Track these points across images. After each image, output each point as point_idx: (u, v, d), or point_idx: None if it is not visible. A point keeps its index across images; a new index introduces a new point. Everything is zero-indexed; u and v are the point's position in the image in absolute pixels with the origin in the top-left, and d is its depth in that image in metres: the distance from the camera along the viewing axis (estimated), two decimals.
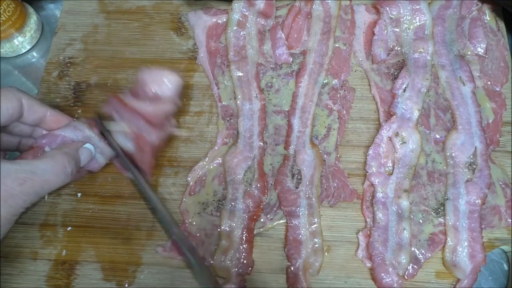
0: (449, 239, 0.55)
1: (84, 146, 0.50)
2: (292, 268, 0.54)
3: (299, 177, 0.58)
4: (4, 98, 0.45)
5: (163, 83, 0.53)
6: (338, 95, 0.63)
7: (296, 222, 0.56)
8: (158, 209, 0.54)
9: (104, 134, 0.54)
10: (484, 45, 0.64)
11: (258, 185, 0.58)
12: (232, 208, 0.57)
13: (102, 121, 0.54)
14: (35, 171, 0.42)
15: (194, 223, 0.57)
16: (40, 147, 0.50)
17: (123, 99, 0.53)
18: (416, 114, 0.60)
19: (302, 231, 0.56)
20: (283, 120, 0.62)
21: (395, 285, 0.53)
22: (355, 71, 0.65)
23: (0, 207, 0.39)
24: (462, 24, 0.66)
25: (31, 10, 0.70)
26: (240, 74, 0.64)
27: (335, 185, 0.58)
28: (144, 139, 0.54)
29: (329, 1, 0.67)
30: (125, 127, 0.53)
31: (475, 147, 0.58)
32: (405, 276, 0.53)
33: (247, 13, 0.66)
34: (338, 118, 0.62)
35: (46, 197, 0.49)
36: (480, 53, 0.64)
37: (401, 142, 0.59)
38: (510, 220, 0.56)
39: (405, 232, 0.55)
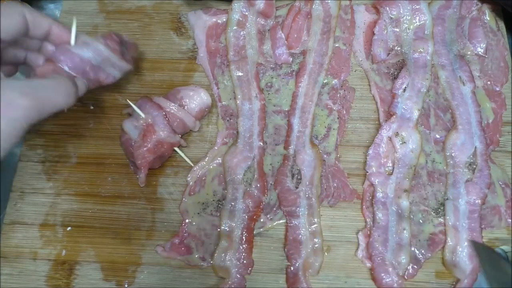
0: (449, 239, 0.55)
1: (78, 79, 0.51)
2: (292, 268, 0.54)
3: (299, 177, 0.58)
4: (5, 13, 0.44)
5: (194, 96, 0.60)
6: (338, 95, 0.63)
7: (296, 222, 0.56)
8: None
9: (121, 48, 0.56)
10: (484, 45, 0.64)
11: (258, 185, 0.58)
12: (232, 208, 0.57)
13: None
14: (36, 86, 0.42)
15: (194, 223, 0.57)
16: (56, 62, 0.49)
17: (153, 98, 0.59)
18: (416, 114, 0.60)
19: (302, 231, 0.56)
20: (283, 120, 0.62)
21: (395, 285, 0.53)
22: (355, 71, 0.65)
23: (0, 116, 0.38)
24: (462, 24, 0.66)
25: None
26: (240, 74, 0.64)
27: (335, 185, 0.58)
28: (153, 129, 0.56)
29: (329, 1, 0.67)
30: (142, 114, 0.57)
31: (475, 147, 0.58)
32: (405, 276, 0.53)
33: (247, 13, 0.66)
34: (338, 118, 0.62)
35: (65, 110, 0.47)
36: (480, 53, 0.64)
37: (401, 142, 0.59)
38: (510, 220, 0.56)
39: (405, 232, 0.55)
